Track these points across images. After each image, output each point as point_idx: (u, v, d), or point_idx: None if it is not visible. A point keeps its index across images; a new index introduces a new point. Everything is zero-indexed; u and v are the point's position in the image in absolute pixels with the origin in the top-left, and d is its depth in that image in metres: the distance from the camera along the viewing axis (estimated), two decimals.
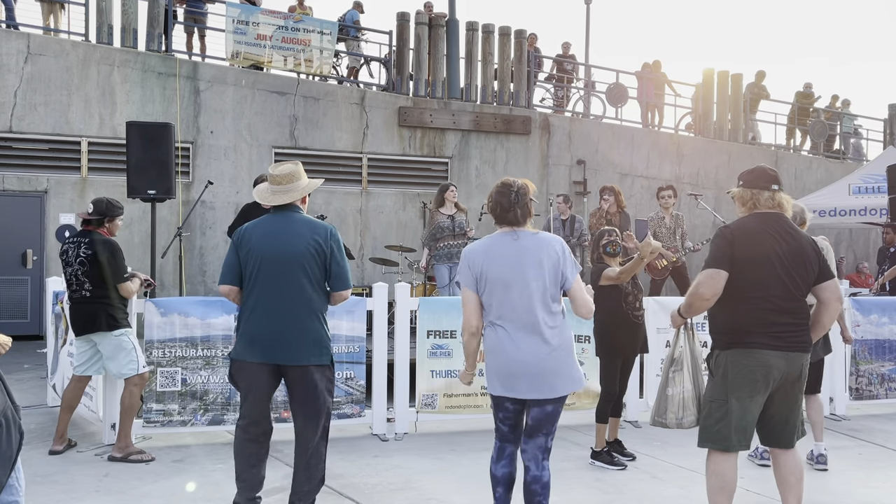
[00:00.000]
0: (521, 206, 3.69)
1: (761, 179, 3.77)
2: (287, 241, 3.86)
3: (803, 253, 3.64)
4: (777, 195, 3.74)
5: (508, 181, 3.78)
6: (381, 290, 6.10)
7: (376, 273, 11.14)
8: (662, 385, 4.05)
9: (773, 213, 3.74)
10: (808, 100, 17.73)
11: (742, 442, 3.65)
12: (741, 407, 3.61)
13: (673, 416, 3.99)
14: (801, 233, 3.74)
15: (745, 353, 3.60)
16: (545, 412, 3.62)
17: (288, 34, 12.27)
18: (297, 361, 3.83)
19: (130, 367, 5.28)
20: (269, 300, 3.83)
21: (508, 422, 3.74)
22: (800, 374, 3.66)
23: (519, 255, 3.62)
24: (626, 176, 14.13)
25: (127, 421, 5.29)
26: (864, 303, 7.25)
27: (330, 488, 4.74)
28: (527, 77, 13.86)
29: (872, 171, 12.71)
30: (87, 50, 11.09)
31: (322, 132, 12.16)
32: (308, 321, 3.85)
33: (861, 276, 14.50)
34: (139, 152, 7.10)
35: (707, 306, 3.70)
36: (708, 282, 3.62)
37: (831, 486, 4.94)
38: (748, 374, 3.59)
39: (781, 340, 3.58)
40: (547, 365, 3.56)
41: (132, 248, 10.53)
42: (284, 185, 3.98)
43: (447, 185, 9.14)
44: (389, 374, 6.07)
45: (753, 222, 3.71)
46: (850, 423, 6.77)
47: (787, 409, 3.70)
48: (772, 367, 3.58)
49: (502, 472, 3.76)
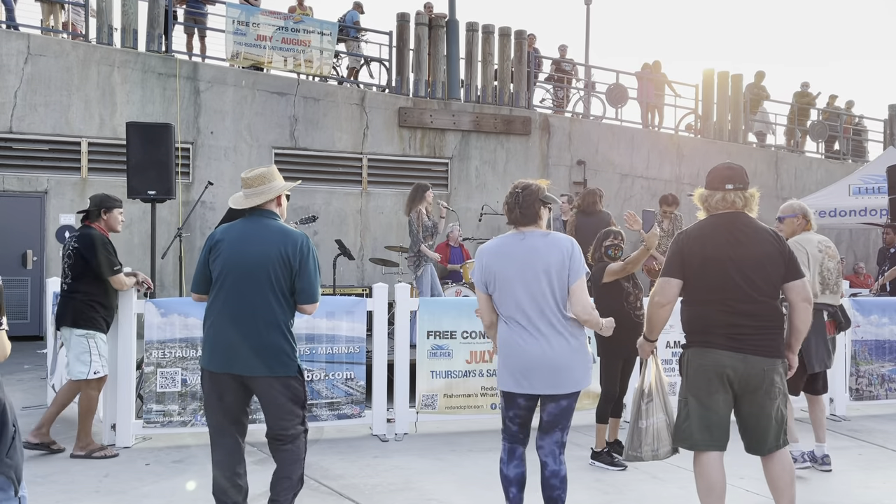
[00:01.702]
0: (524, 207, 3.72)
1: (716, 180, 3.75)
2: (254, 250, 3.71)
3: (763, 253, 3.58)
4: (730, 195, 3.67)
5: (520, 182, 3.82)
6: (381, 291, 6.10)
7: (376, 273, 11.15)
8: (634, 418, 4.03)
9: (729, 213, 3.68)
10: (807, 99, 17.73)
11: (710, 441, 3.63)
12: (700, 405, 3.62)
13: (648, 448, 4.00)
14: (762, 232, 3.64)
15: (701, 353, 3.64)
16: (560, 407, 3.70)
17: (288, 35, 12.27)
18: (255, 373, 3.68)
19: (79, 371, 5.27)
20: (230, 308, 3.70)
21: (518, 420, 3.76)
22: (763, 381, 3.57)
23: (526, 254, 3.66)
24: (627, 176, 14.13)
25: (86, 421, 5.31)
26: (864, 303, 7.25)
27: (330, 488, 4.74)
28: (527, 77, 13.87)
29: (872, 171, 12.71)
30: (87, 50, 11.09)
31: (322, 133, 12.16)
32: (268, 333, 3.68)
33: (858, 276, 14.49)
34: (139, 153, 7.10)
35: (664, 314, 3.73)
36: (659, 290, 3.70)
37: (831, 486, 4.94)
38: (703, 373, 3.61)
39: (737, 342, 3.55)
40: (560, 360, 3.62)
41: (132, 248, 10.54)
42: (256, 188, 3.84)
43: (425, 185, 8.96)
44: (389, 374, 6.07)
45: (707, 225, 3.71)
46: (850, 423, 6.77)
47: (756, 416, 3.63)
48: (726, 366, 3.56)
49: (515, 473, 3.78)
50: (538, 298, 3.63)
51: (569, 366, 3.64)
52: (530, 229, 3.74)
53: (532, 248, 3.67)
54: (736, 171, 3.77)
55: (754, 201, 3.72)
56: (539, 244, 3.68)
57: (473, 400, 6.09)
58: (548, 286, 3.63)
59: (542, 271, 3.63)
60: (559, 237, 3.77)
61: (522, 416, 3.76)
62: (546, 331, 3.63)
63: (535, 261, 3.65)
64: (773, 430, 3.63)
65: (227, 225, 3.94)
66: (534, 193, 3.74)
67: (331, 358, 5.84)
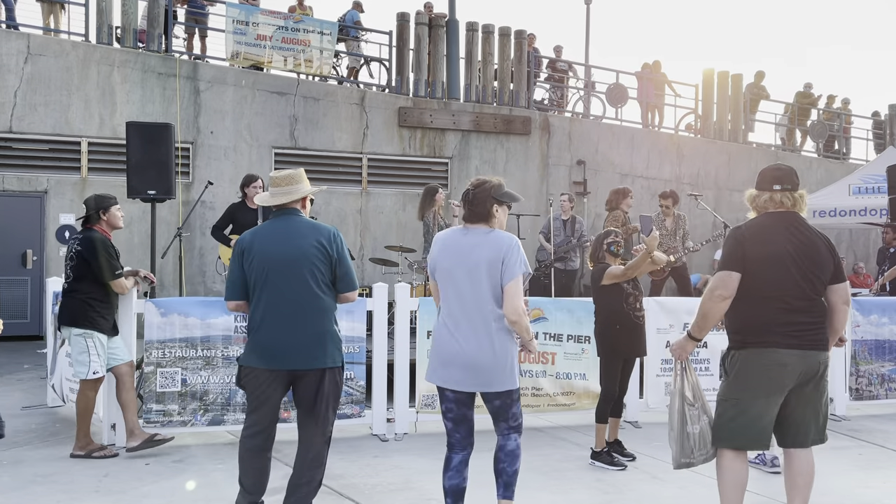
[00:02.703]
0: (474, 205, 3.71)
1: (765, 181, 3.78)
2: (291, 244, 3.77)
3: (817, 252, 3.63)
4: (776, 195, 3.71)
5: (475, 179, 3.81)
6: (381, 291, 6.10)
7: (376, 273, 11.14)
8: (680, 424, 3.94)
9: (783, 212, 3.71)
10: (808, 100, 17.73)
11: (757, 441, 3.67)
12: (756, 406, 3.61)
13: (700, 453, 3.91)
14: (814, 231, 3.70)
15: (759, 353, 3.60)
16: (494, 406, 3.71)
17: (288, 34, 12.27)
18: (311, 365, 3.74)
19: (79, 370, 5.27)
20: (279, 306, 3.74)
21: (451, 414, 3.73)
22: (816, 373, 3.63)
23: (463, 249, 3.67)
24: (627, 176, 14.13)
25: (84, 421, 5.31)
26: (864, 303, 7.24)
27: (330, 488, 4.74)
28: (527, 77, 13.86)
29: (872, 171, 12.72)
30: (87, 50, 11.09)
31: (322, 132, 12.16)
32: (321, 323, 3.78)
33: (858, 276, 14.49)
34: (139, 152, 7.09)
35: (724, 308, 3.67)
36: (721, 284, 3.64)
37: (831, 486, 4.94)
38: (763, 373, 3.59)
39: (797, 339, 3.57)
40: (476, 359, 3.59)
41: (132, 248, 10.53)
42: (283, 187, 3.91)
43: (436, 187, 8.99)
44: (389, 374, 6.07)
45: (764, 222, 3.72)
46: (850, 423, 6.77)
47: (803, 408, 3.66)
48: (787, 365, 3.57)
49: (450, 484, 3.72)
50: (465, 294, 3.62)
51: (484, 366, 3.59)
52: (477, 226, 3.72)
53: (471, 243, 3.67)
54: (784, 171, 3.78)
55: (803, 202, 3.74)
56: (478, 240, 3.66)
57: None
58: (478, 283, 3.60)
59: (475, 268, 3.61)
60: (501, 235, 3.69)
61: (454, 411, 3.71)
62: (467, 328, 3.60)
63: (470, 257, 3.64)
64: (819, 423, 3.69)
65: (254, 228, 3.98)
66: (486, 191, 3.71)
67: None
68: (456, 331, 3.62)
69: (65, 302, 5.39)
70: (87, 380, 5.28)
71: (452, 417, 3.73)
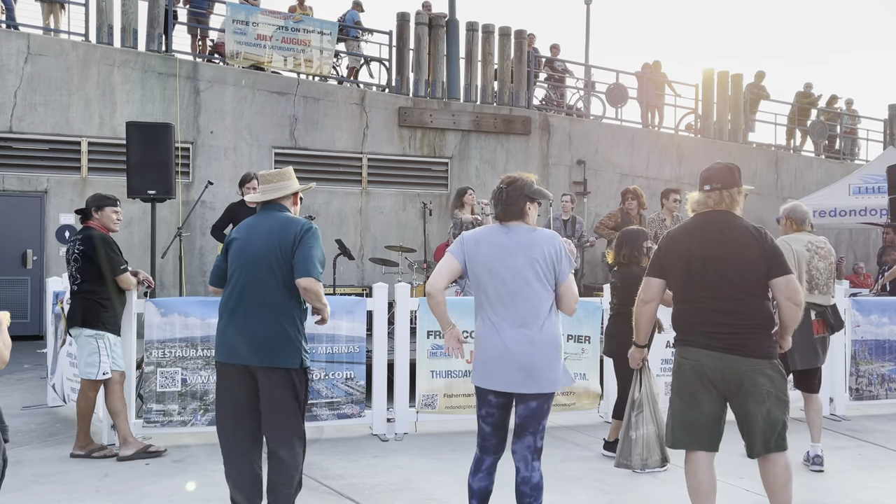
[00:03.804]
0: (507, 203, 3.65)
1: (699, 181, 3.79)
2: (259, 241, 3.78)
3: (741, 251, 3.55)
4: (702, 195, 3.70)
5: (506, 177, 3.75)
6: (381, 291, 6.10)
7: (376, 273, 11.14)
8: (625, 428, 4.07)
9: (708, 212, 3.70)
10: (809, 99, 17.73)
11: (692, 440, 3.61)
12: (681, 404, 3.64)
13: (638, 457, 4.04)
14: (741, 230, 3.61)
15: (681, 351, 3.69)
16: (529, 409, 3.56)
17: (288, 34, 12.27)
18: (264, 363, 3.69)
19: (89, 371, 5.26)
20: (238, 300, 3.76)
21: (491, 419, 3.63)
22: (743, 381, 3.51)
23: (510, 248, 3.57)
24: (627, 176, 14.13)
25: (85, 421, 5.31)
26: (864, 303, 7.24)
27: (330, 488, 4.74)
28: (527, 77, 13.86)
29: (872, 171, 12.71)
30: (87, 50, 11.09)
31: (322, 132, 12.16)
32: (277, 322, 3.71)
33: (858, 276, 14.49)
34: (139, 152, 7.10)
35: (648, 311, 3.80)
36: (643, 289, 3.81)
37: (831, 486, 4.94)
38: (683, 371, 3.64)
39: (715, 340, 3.54)
40: (532, 360, 3.49)
41: (132, 248, 10.53)
42: (272, 184, 3.95)
43: (466, 188, 9.02)
44: (389, 374, 6.07)
45: (689, 224, 3.77)
46: (850, 423, 6.77)
47: (743, 417, 3.59)
48: (703, 365, 3.56)
49: (478, 486, 3.66)
50: (511, 293, 3.53)
51: (542, 365, 3.51)
52: (515, 224, 3.65)
53: (515, 242, 3.58)
54: (715, 171, 3.75)
55: (734, 200, 3.68)
56: (524, 239, 3.59)
57: (473, 400, 6.04)
58: (527, 282, 3.53)
59: (524, 266, 3.54)
60: (546, 232, 3.68)
61: (495, 416, 3.62)
62: (521, 327, 3.51)
63: (516, 256, 3.55)
64: (760, 433, 3.56)
65: (243, 222, 4.01)
66: (519, 189, 3.65)
67: (331, 357, 5.84)
68: (502, 331, 3.53)
69: (75, 303, 5.34)
70: (89, 380, 5.27)
71: (492, 422, 3.64)
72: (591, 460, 5.42)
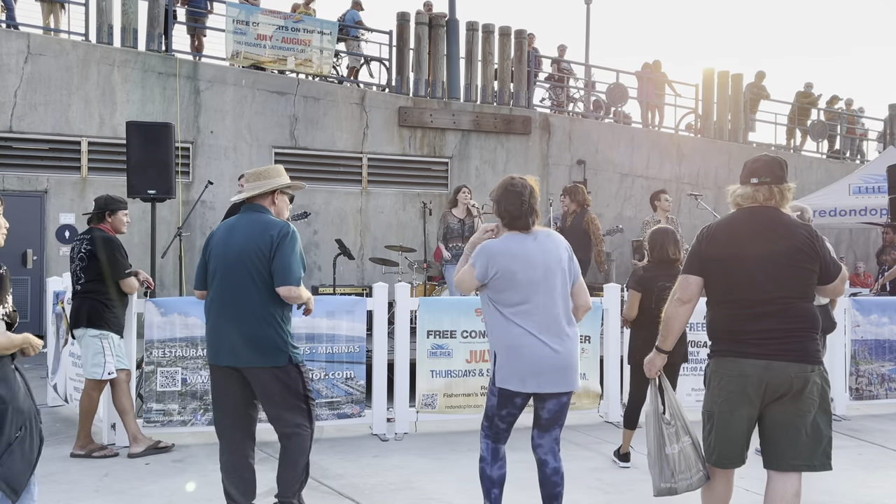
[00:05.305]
0: (534, 212, 3.72)
1: (743, 174, 3.47)
2: (238, 243, 3.80)
3: (793, 251, 3.28)
4: (750, 189, 3.41)
5: (516, 183, 3.73)
6: (381, 290, 6.10)
7: (376, 273, 11.14)
8: (658, 447, 3.62)
9: (758, 207, 3.40)
10: (809, 99, 17.73)
11: (730, 459, 3.38)
12: (722, 420, 3.35)
13: (683, 479, 3.53)
14: (792, 227, 3.34)
15: (723, 362, 3.36)
16: (561, 403, 3.71)
17: (288, 34, 12.26)
18: (249, 363, 3.76)
19: (94, 371, 5.26)
20: (221, 302, 3.81)
21: (510, 418, 3.74)
22: (791, 388, 3.25)
23: (542, 256, 3.66)
24: (627, 176, 14.13)
25: (86, 421, 5.32)
26: (864, 303, 7.24)
27: (330, 488, 4.74)
28: (527, 77, 13.86)
29: (872, 171, 12.71)
30: (87, 50, 11.09)
31: (322, 132, 12.16)
32: (256, 323, 3.75)
33: (858, 276, 14.50)
34: (139, 152, 7.09)
35: (684, 313, 3.48)
36: (679, 288, 3.48)
37: (831, 486, 4.94)
38: (724, 385, 3.33)
39: (761, 347, 3.25)
40: (568, 360, 3.64)
41: (132, 248, 10.47)
42: (251, 182, 3.96)
43: (460, 186, 9.04)
44: (389, 374, 6.07)
45: (733, 219, 3.44)
46: (850, 423, 6.77)
47: (778, 427, 3.31)
48: (749, 376, 3.26)
49: (498, 475, 3.78)
50: (555, 297, 3.64)
51: (573, 365, 3.68)
52: (537, 230, 3.73)
53: (547, 249, 3.68)
54: (763, 163, 3.45)
55: (784, 196, 3.41)
56: (549, 245, 3.70)
57: (473, 399, 6.09)
58: (562, 285, 3.68)
59: (558, 270, 3.67)
60: (559, 237, 3.81)
61: (515, 415, 3.75)
62: (557, 331, 3.63)
63: (552, 261, 3.67)
64: (794, 445, 3.29)
65: (222, 223, 4.04)
66: (534, 195, 3.74)
67: (331, 357, 5.84)
68: (542, 335, 3.60)
69: (79, 303, 5.34)
70: (94, 380, 5.28)
71: (510, 420, 3.75)
72: (591, 460, 5.43)
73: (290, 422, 3.83)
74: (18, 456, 2.79)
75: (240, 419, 3.89)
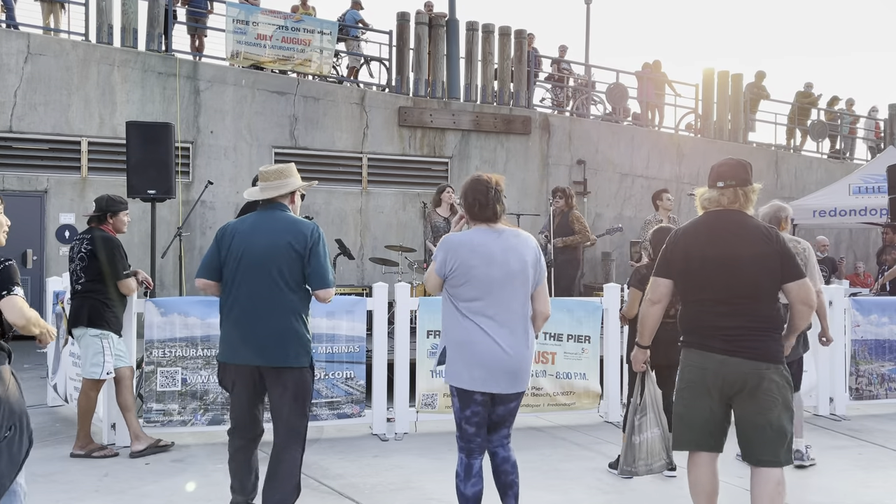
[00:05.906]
0: (500, 202, 3.65)
1: (710, 177, 3.63)
2: (264, 241, 3.78)
3: (751, 252, 3.44)
4: (715, 192, 3.55)
5: (481, 177, 3.69)
6: (381, 290, 6.09)
7: (376, 273, 11.13)
8: (629, 434, 3.96)
9: (723, 211, 3.56)
10: (809, 99, 17.73)
11: (693, 442, 3.57)
12: (684, 406, 3.58)
13: (643, 463, 3.93)
14: (753, 230, 3.49)
15: (686, 353, 3.62)
16: (509, 408, 3.70)
17: (288, 34, 12.26)
18: (271, 363, 3.73)
19: (93, 371, 5.27)
20: (245, 300, 3.76)
21: (476, 419, 3.64)
22: (745, 384, 3.42)
23: (504, 253, 3.58)
24: (627, 176, 14.13)
25: (85, 421, 5.32)
26: (864, 303, 7.24)
27: (330, 488, 4.74)
28: (527, 77, 13.86)
29: (872, 171, 12.71)
30: (87, 50, 11.09)
31: (322, 132, 12.15)
32: (283, 321, 3.74)
33: (858, 276, 14.50)
34: (139, 152, 7.09)
35: (655, 312, 3.72)
36: (650, 289, 3.72)
37: (831, 486, 4.94)
38: (686, 374, 3.59)
39: (720, 343, 3.44)
40: (519, 363, 3.59)
41: (132, 248, 10.49)
42: (272, 182, 3.93)
43: (444, 186, 9.17)
44: (389, 373, 6.06)
45: (699, 222, 3.62)
46: (850, 423, 6.76)
47: (743, 422, 3.49)
48: (706, 369, 3.48)
49: (473, 492, 3.66)
50: (514, 295, 3.57)
51: (526, 368, 3.64)
52: (502, 226, 3.65)
53: (507, 246, 3.59)
54: (729, 167, 3.60)
55: (750, 199, 3.55)
56: (513, 243, 3.61)
57: None
58: (518, 285, 3.58)
59: (517, 271, 3.57)
60: (528, 235, 3.73)
61: (480, 414, 3.64)
62: (514, 330, 3.57)
63: (515, 258, 3.58)
64: (759, 441, 3.46)
65: (241, 218, 4.00)
66: (500, 188, 3.66)
67: (331, 357, 5.84)
68: (495, 333, 3.54)
69: (79, 303, 5.34)
70: (91, 380, 5.28)
71: (477, 422, 3.66)
72: (591, 460, 5.42)
73: (293, 431, 3.80)
74: (6, 456, 2.78)
75: (253, 415, 3.89)
